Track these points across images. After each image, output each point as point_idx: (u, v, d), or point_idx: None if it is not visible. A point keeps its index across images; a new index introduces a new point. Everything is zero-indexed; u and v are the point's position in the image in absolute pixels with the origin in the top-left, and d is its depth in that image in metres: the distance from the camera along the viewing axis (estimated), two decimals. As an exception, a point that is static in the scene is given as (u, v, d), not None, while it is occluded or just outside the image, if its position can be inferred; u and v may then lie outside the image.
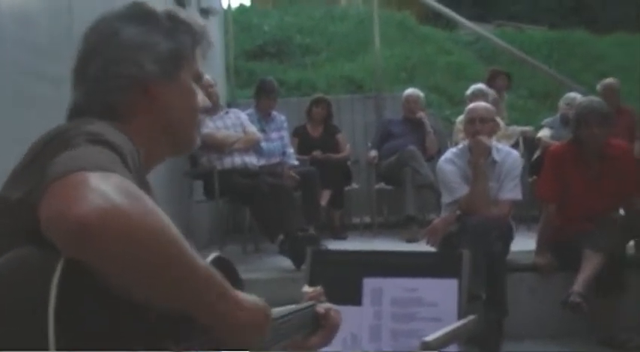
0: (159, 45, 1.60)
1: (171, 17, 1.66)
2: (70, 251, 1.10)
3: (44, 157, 1.29)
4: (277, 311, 1.67)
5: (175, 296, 1.22)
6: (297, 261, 5.77)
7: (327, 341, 1.94)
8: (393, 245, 6.91)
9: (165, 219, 1.18)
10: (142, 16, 1.63)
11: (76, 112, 1.58)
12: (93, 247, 1.09)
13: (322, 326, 1.92)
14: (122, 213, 1.10)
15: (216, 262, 1.62)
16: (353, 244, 7.23)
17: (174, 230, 1.19)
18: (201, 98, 1.72)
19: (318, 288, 2.05)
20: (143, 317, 1.22)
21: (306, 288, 2.06)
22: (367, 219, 8.16)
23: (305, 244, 5.65)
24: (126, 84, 1.57)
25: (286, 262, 5.85)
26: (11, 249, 1.18)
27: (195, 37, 1.69)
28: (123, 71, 1.56)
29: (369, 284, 3.58)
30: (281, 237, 5.90)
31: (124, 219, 1.10)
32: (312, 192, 7.09)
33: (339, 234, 7.67)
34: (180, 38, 1.64)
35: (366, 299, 3.59)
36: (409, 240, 7.00)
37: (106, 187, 1.12)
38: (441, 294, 3.49)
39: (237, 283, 1.72)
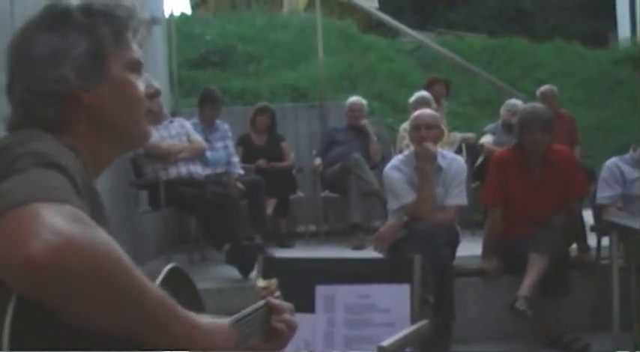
0: (76, 48, 1.50)
1: (86, 11, 1.54)
2: (22, 290, 1.08)
3: None
4: (233, 317, 1.65)
5: (129, 324, 1.20)
6: (244, 270, 5.76)
7: (284, 344, 1.90)
8: (339, 252, 6.93)
9: (117, 249, 1.16)
10: (55, 19, 1.53)
11: (16, 126, 1.52)
12: (45, 285, 1.06)
13: (281, 337, 1.88)
14: (74, 248, 1.07)
15: (172, 273, 1.61)
16: (299, 252, 7.24)
17: (125, 260, 1.17)
18: (142, 85, 1.63)
19: (273, 281, 2.02)
20: (98, 344, 1.19)
21: (260, 282, 2.03)
22: (313, 227, 8.16)
23: (251, 253, 5.65)
24: (53, 100, 1.49)
25: (233, 271, 5.84)
26: None
27: (119, 24, 1.57)
28: (45, 89, 1.49)
29: (322, 291, 3.58)
30: (227, 246, 5.88)
31: (77, 255, 1.07)
32: (258, 201, 7.08)
33: (286, 243, 7.66)
34: (98, 32, 1.53)
35: (319, 306, 3.58)
36: (356, 248, 7.01)
37: (56, 220, 1.09)
38: (394, 300, 3.50)
39: (194, 293, 1.72)
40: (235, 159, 7.51)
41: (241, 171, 7.43)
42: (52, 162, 1.26)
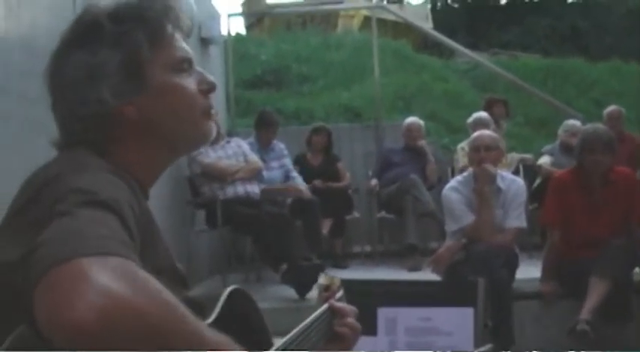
0: (109, 63, 1.43)
1: (115, 18, 1.46)
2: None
3: (34, 211, 1.23)
4: (294, 331, 1.63)
5: None
6: (301, 291, 5.76)
7: (349, 349, 1.86)
8: (395, 273, 6.89)
9: (170, 302, 1.08)
10: (85, 34, 1.46)
11: (64, 145, 1.48)
12: (91, 348, 0.99)
13: (346, 340, 1.84)
14: (122, 310, 1.01)
15: (234, 295, 1.60)
16: (354, 273, 7.20)
17: (180, 314, 1.09)
18: (193, 82, 1.53)
19: (336, 279, 1.97)
20: None
21: (322, 279, 1.98)
22: (368, 248, 8.14)
23: (309, 273, 5.64)
24: (95, 122, 1.43)
25: (289, 291, 5.83)
26: (14, 312, 1.13)
27: (153, 25, 1.47)
28: (84, 112, 1.42)
29: (384, 313, 3.56)
30: (284, 266, 5.87)
31: (125, 317, 1.01)
32: (314, 221, 7.07)
33: (341, 263, 7.64)
34: (131, 40, 1.44)
35: (381, 328, 3.56)
36: (411, 269, 6.97)
37: (103, 278, 1.02)
38: (457, 323, 3.47)
39: (256, 314, 1.70)
40: (294, 174, 7.54)
41: (303, 184, 7.46)
42: (99, 201, 1.19)
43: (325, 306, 1.80)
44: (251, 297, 1.66)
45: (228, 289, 1.57)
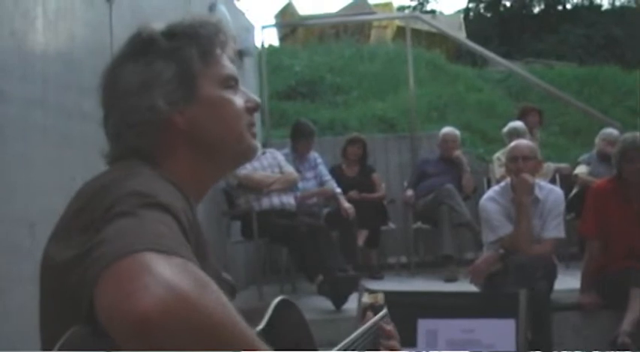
0: (163, 74, 1.49)
1: (170, 35, 1.54)
2: (128, 344, 1.03)
3: (88, 215, 1.25)
4: (341, 345, 1.63)
5: None
6: (338, 302, 5.74)
7: None
8: (431, 284, 6.87)
9: (226, 303, 1.11)
10: (141, 48, 1.52)
11: (114, 159, 1.52)
12: (152, 340, 1.01)
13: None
14: (184, 304, 1.03)
15: (281, 305, 1.60)
16: (390, 284, 7.18)
17: (235, 316, 1.12)
18: (239, 99, 1.58)
19: (380, 296, 1.98)
20: None
21: (366, 298, 1.98)
22: (403, 259, 8.11)
23: (345, 285, 5.63)
24: (147, 129, 1.48)
25: (326, 303, 5.81)
26: (67, 316, 1.15)
27: (205, 43, 1.55)
28: (137, 119, 1.47)
29: (424, 325, 3.54)
30: (320, 277, 5.86)
31: (187, 310, 1.03)
32: (350, 232, 7.07)
33: (376, 274, 7.61)
34: (184, 54, 1.52)
35: (421, 341, 3.54)
36: (447, 280, 6.94)
37: (166, 273, 1.04)
38: (498, 335, 3.44)
39: (303, 324, 1.70)
40: (328, 177, 7.58)
41: (337, 189, 7.45)
42: (157, 203, 1.23)
43: (371, 322, 1.81)
44: (298, 308, 1.67)
45: (276, 300, 1.59)
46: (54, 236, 1.34)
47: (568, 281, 5.69)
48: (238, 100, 1.58)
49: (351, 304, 5.51)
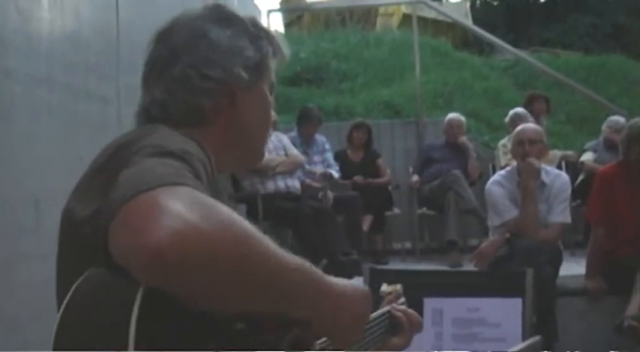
0: (246, 51, 1.55)
1: (254, 24, 1.61)
2: (150, 281, 1.03)
3: (107, 172, 1.26)
4: None
5: (269, 305, 1.15)
6: (341, 286, 5.73)
7: (408, 342, 1.88)
8: (437, 270, 6.84)
9: (242, 221, 1.11)
10: (227, 19, 1.58)
11: (146, 118, 1.53)
12: (173, 275, 1.01)
13: (402, 328, 1.87)
14: (197, 231, 1.02)
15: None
16: (395, 269, 7.16)
17: (252, 231, 1.11)
18: (272, 111, 1.68)
19: (398, 287, 2.00)
20: (229, 329, 1.16)
21: (385, 287, 2.01)
22: (408, 245, 8.10)
23: (349, 269, 5.63)
24: (214, 87, 1.51)
25: (330, 286, 5.80)
26: (82, 265, 1.14)
27: (274, 48, 1.63)
28: (213, 74, 1.51)
29: (430, 304, 3.53)
30: (324, 261, 5.83)
31: (201, 237, 1.02)
32: (355, 217, 7.06)
33: (381, 259, 7.60)
34: (263, 46, 1.59)
35: (427, 319, 3.53)
36: (452, 265, 6.91)
37: (174, 204, 1.04)
38: (504, 314, 3.43)
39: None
40: (334, 166, 7.57)
41: (336, 174, 7.44)
42: (167, 151, 1.24)
43: (387, 308, 1.84)
44: None
45: None
46: (75, 192, 1.36)
47: (573, 268, 5.68)
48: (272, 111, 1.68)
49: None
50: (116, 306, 1.05)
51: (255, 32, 1.59)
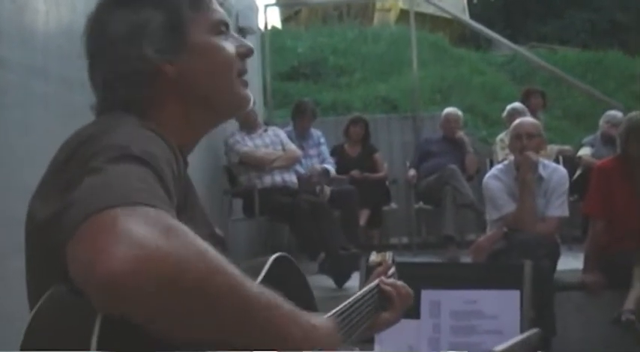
0: (152, 22, 1.43)
1: None
2: (106, 309, 0.98)
3: (68, 174, 1.20)
4: (344, 304, 1.61)
5: (233, 335, 1.08)
6: (339, 280, 5.72)
7: (398, 317, 1.86)
8: (434, 264, 6.82)
9: (208, 253, 1.03)
10: None
11: (101, 111, 1.46)
12: (129, 302, 0.96)
13: (392, 303, 1.84)
14: (157, 257, 0.96)
15: (279, 261, 1.57)
16: (392, 265, 7.14)
17: (219, 265, 1.04)
18: (231, 45, 1.53)
19: (388, 255, 1.96)
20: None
21: (374, 257, 1.96)
22: (405, 239, 8.09)
23: (347, 263, 5.61)
24: (137, 79, 1.42)
25: (327, 281, 5.79)
26: (47, 277, 1.13)
27: None
28: (126, 70, 1.41)
29: (427, 296, 3.51)
30: (322, 255, 5.84)
31: (161, 264, 0.96)
32: (352, 212, 7.02)
33: (378, 254, 7.56)
34: (172, 1, 1.46)
35: (424, 311, 3.51)
36: (449, 260, 6.89)
37: (136, 228, 0.98)
38: (502, 306, 3.41)
39: (301, 280, 1.67)
40: (329, 161, 7.55)
41: (332, 169, 7.43)
42: (132, 155, 1.16)
43: (375, 282, 1.79)
44: (296, 265, 1.64)
45: (274, 255, 1.55)
46: (38, 191, 1.30)
47: (571, 262, 5.68)
48: (229, 46, 1.52)
49: (353, 282, 5.50)
50: (77, 331, 1.02)
51: None
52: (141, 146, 1.20)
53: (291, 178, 6.69)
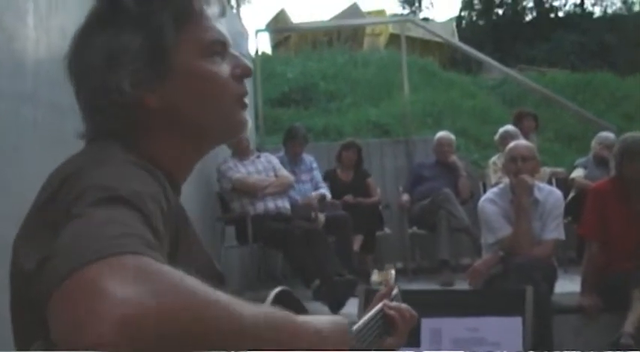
0: (129, 48, 1.30)
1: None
2: None
3: (52, 213, 1.14)
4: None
5: None
6: (335, 306, 5.66)
7: (403, 340, 1.80)
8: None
9: (193, 287, 0.98)
10: (107, 14, 1.33)
11: (90, 137, 1.37)
12: None
13: (396, 328, 1.79)
14: (145, 312, 0.91)
15: (281, 295, 1.53)
16: (387, 290, 7.09)
17: (207, 295, 0.99)
18: (226, 67, 1.39)
19: (391, 274, 1.91)
20: None
21: (376, 277, 1.91)
22: (399, 264, 8.03)
23: (343, 289, 5.56)
24: (116, 113, 1.31)
25: (321, 307, 5.73)
26: (28, 327, 1.11)
27: (181, 4, 1.34)
28: (103, 102, 1.30)
29: (428, 324, 3.46)
30: (317, 282, 5.79)
31: (149, 319, 0.91)
32: (345, 237, 6.98)
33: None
34: (154, 21, 1.31)
35: (425, 340, 3.47)
36: (444, 284, 6.85)
37: (118, 284, 0.91)
38: (504, 333, 3.37)
39: (304, 313, 1.63)
40: (322, 185, 7.52)
41: (327, 193, 7.40)
42: (117, 197, 1.08)
43: (379, 306, 1.73)
44: (298, 298, 1.59)
45: (276, 290, 1.50)
46: (22, 228, 1.23)
47: (567, 285, 5.63)
48: (224, 69, 1.38)
49: (348, 308, 5.44)
50: None
51: (141, 11, 1.32)
52: (126, 185, 1.12)
53: (284, 204, 6.65)
